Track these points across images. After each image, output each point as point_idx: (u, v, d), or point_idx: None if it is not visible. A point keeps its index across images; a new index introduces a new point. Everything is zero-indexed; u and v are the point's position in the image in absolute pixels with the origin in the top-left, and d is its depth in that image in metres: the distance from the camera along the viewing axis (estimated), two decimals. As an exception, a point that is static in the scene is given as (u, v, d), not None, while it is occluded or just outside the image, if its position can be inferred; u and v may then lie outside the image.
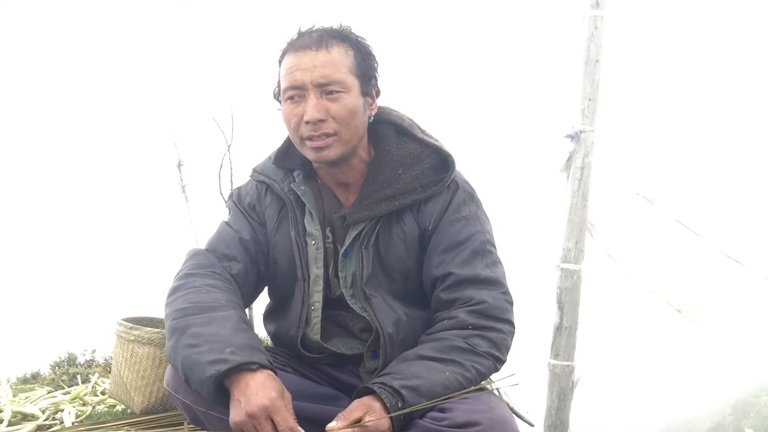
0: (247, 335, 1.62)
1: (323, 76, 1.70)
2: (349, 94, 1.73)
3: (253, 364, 1.52)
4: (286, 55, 1.77)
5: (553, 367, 3.35)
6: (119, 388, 2.73)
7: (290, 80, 1.72)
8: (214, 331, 1.59)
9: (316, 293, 1.86)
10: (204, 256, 1.86)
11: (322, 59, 1.70)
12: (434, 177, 1.81)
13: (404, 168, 1.81)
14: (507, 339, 1.73)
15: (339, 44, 1.74)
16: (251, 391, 1.48)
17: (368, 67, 1.80)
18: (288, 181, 1.89)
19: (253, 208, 1.94)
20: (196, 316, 1.64)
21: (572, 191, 3.28)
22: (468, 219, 1.82)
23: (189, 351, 1.57)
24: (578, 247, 3.27)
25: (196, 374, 1.54)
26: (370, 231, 1.80)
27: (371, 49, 1.82)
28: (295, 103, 1.73)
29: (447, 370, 1.59)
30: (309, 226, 1.85)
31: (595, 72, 3.20)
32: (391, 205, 1.78)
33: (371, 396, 1.54)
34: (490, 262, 1.79)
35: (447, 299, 1.75)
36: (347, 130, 1.74)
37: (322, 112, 1.70)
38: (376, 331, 1.81)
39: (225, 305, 1.70)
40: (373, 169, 1.83)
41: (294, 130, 1.76)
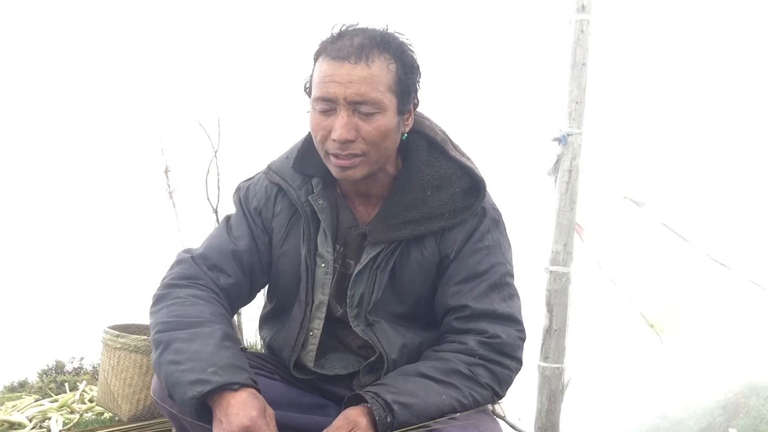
0: (230, 353, 1.56)
1: (358, 94, 1.54)
2: (384, 115, 1.58)
3: (235, 384, 1.48)
4: (322, 59, 1.60)
5: (543, 370, 3.35)
6: (106, 396, 2.71)
7: (322, 91, 1.57)
8: (196, 349, 1.55)
9: (317, 319, 1.78)
10: (189, 265, 1.77)
11: (360, 74, 1.54)
12: (463, 203, 1.71)
13: (433, 190, 1.70)
14: (511, 375, 1.69)
15: (380, 56, 1.57)
16: (232, 411, 1.45)
17: (410, 82, 1.63)
18: (306, 189, 1.76)
19: (259, 213, 1.82)
20: (180, 331, 1.59)
21: (560, 194, 3.29)
22: (490, 249, 1.73)
23: (172, 368, 1.53)
24: (567, 250, 3.28)
25: (178, 393, 1.51)
26: (389, 254, 1.71)
27: (416, 60, 1.65)
28: (325, 116, 1.59)
29: (444, 393, 1.55)
30: (321, 246, 1.75)
31: (581, 75, 3.20)
32: (416, 230, 1.69)
33: (360, 408, 1.50)
34: (507, 295, 1.72)
35: (460, 328, 1.69)
36: (376, 152, 1.62)
37: (352, 132, 1.56)
38: (379, 354, 1.75)
39: (209, 320, 1.64)
40: (401, 187, 1.72)
41: (320, 143, 1.63)
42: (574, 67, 3.18)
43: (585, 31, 3.17)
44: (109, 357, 2.66)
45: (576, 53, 3.19)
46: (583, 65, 3.17)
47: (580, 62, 3.16)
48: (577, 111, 3.21)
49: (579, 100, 3.20)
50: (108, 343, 2.67)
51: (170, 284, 1.74)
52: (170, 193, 3.21)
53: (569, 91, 3.17)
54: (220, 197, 3.12)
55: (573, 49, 3.17)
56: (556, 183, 3.31)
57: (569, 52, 3.18)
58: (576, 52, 3.18)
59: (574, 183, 3.26)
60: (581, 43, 3.17)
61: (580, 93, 3.19)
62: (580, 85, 3.19)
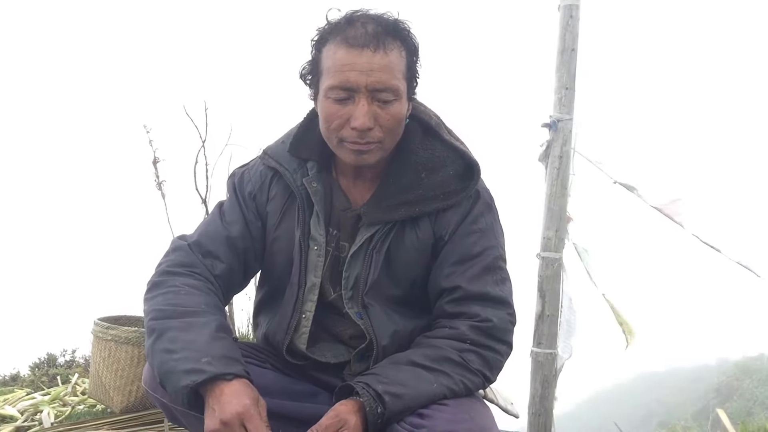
0: (224, 344, 1.58)
1: (379, 82, 1.56)
2: (400, 102, 1.61)
3: (229, 375, 1.49)
4: (334, 45, 1.59)
5: (536, 355, 3.35)
6: (98, 388, 2.71)
7: (341, 79, 1.56)
8: (191, 338, 1.55)
9: (309, 302, 1.79)
10: (186, 253, 1.78)
11: (380, 63, 1.55)
12: (457, 185, 1.73)
13: (428, 172, 1.72)
14: (502, 360, 1.70)
15: (394, 43, 1.59)
16: (225, 399, 1.45)
17: (416, 68, 1.67)
18: (301, 173, 1.77)
19: (254, 198, 1.83)
20: (175, 319, 1.60)
21: (551, 180, 3.28)
22: (484, 232, 1.74)
23: (166, 356, 1.54)
24: (558, 236, 3.27)
25: (171, 381, 1.52)
26: (384, 235, 1.72)
27: (419, 47, 1.67)
28: (341, 104, 1.58)
29: (435, 382, 1.56)
30: (314, 229, 1.76)
31: (571, 61, 3.18)
32: (411, 211, 1.70)
33: (350, 404, 1.50)
34: (500, 279, 1.74)
35: (452, 312, 1.70)
36: (391, 138, 1.65)
37: (372, 120, 1.58)
38: (369, 341, 1.76)
39: (204, 310, 1.64)
40: (395, 169, 1.74)
41: (333, 131, 1.62)
42: (563, 52, 3.16)
43: (574, 17, 3.15)
44: (99, 349, 2.65)
45: (565, 38, 3.17)
46: (573, 51, 3.15)
47: (569, 48, 3.14)
48: (567, 97, 3.19)
49: (569, 86, 3.18)
50: (98, 335, 2.66)
51: (166, 271, 1.74)
52: (159, 184, 3.19)
53: (558, 77, 3.15)
54: (209, 187, 3.11)
55: (562, 35, 3.15)
56: (547, 169, 3.30)
57: (558, 37, 3.16)
58: (565, 37, 3.16)
59: (564, 169, 3.25)
60: (570, 29, 3.15)
61: (570, 79, 3.17)
62: (570, 70, 3.17)
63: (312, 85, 1.70)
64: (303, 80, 1.71)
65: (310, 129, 1.74)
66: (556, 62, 3.15)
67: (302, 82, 1.72)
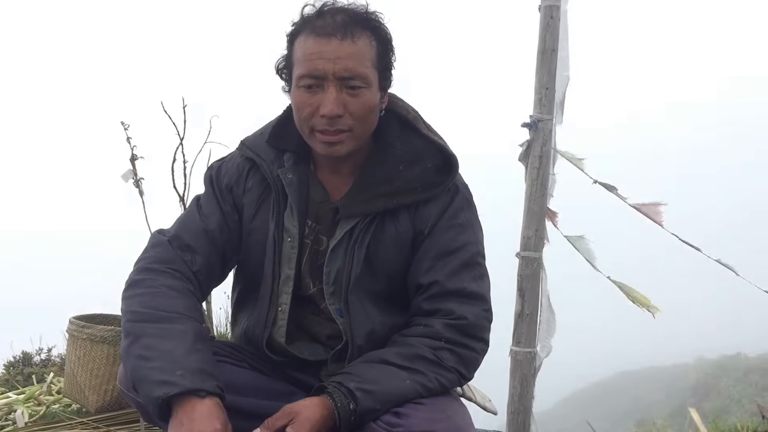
0: (200, 357, 1.56)
1: (347, 69, 1.58)
2: (370, 90, 1.63)
3: (201, 391, 1.48)
4: (304, 36, 1.62)
5: (515, 354, 3.36)
6: (73, 388, 2.68)
7: (310, 67, 1.59)
8: (167, 348, 1.54)
9: (284, 294, 1.78)
10: (165, 249, 1.76)
11: (348, 50, 1.58)
12: (436, 178, 1.73)
13: (406, 165, 1.72)
14: (478, 358, 1.70)
15: (363, 33, 1.62)
16: (197, 417, 1.44)
17: (388, 59, 1.69)
18: (278, 164, 1.77)
19: (230, 190, 1.82)
20: (151, 324, 1.59)
21: (531, 180, 3.28)
22: (463, 227, 1.75)
23: (140, 363, 1.53)
24: (538, 235, 3.28)
25: (144, 389, 1.51)
26: (364, 228, 1.71)
27: (392, 39, 1.70)
28: (311, 93, 1.61)
29: (408, 379, 1.56)
30: (288, 221, 1.75)
31: (551, 61, 3.19)
32: (389, 203, 1.70)
33: (310, 399, 1.51)
34: (478, 275, 1.74)
35: (428, 309, 1.70)
36: (362, 127, 1.65)
37: (341, 107, 1.59)
38: (345, 342, 1.76)
39: (183, 316, 1.63)
40: (373, 162, 1.74)
41: (305, 120, 1.64)
42: (543, 53, 3.17)
43: (554, 17, 3.16)
44: (75, 348, 2.63)
45: (545, 39, 3.17)
46: (553, 51, 3.16)
47: (550, 48, 3.15)
48: (547, 97, 3.19)
49: (549, 86, 3.19)
50: (74, 333, 2.63)
51: (145, 268, 1.73)
52: (137, 181, 3.17)
53: (539, 78, 3.16)
54: (188, 185, 3.09)
55: (542, 35, 3.16)
56: (527, 169, 3.31)
57: (538, 38, 3.17)
58: (545, 38, 3.17)
59: (545, 168, 3.26)
60: (550, 29, 3.15)
61: (550, 79, 3.18)
62: (550, 71, 3.18)
63: (286, 78, 1.71)
64: (279, 74, 1.73)
65: (290, 121, 1.74)
66: (537, 62, 3.16)
67: (278, 76, 1.73)
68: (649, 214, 3.32)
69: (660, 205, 3.28)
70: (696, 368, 22.66)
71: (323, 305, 1.78)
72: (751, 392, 16.54)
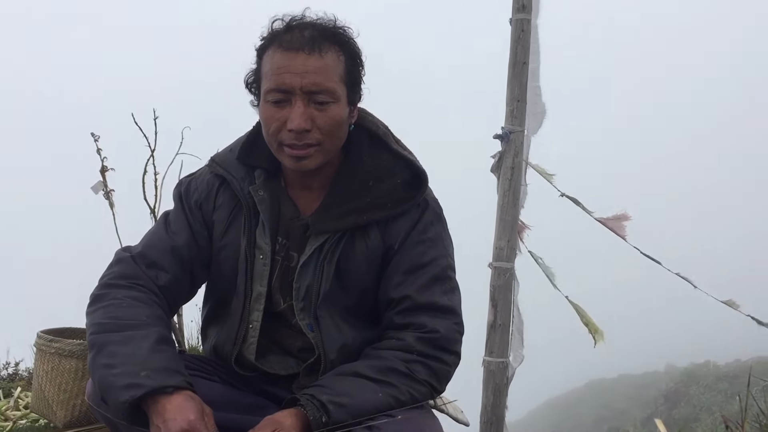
0: (164, 356, 1.55)
1: (314, 84, 1.58)
2: (338, 105, 1.63)
3: (169, 388, 1.47)
4: (272, 51, 1.62)
5: (488, 364, 3.37)
6: (41, 403, 2.63)
7: (277, 82, 1.59)
8: (130, 352, 1.53)
9: (256, 311, 1.77)
10: (128, 265, 1.74)
11: (315, 65, 1.58)
12: (405, 193, 1.74)
13: (375, 181, 1.73)
14: (450, 370, 1.71)
15: (331, 47, 1.62)
16: (169, 416, 1.43)
17: (357, 74, 1.70)
18: (248, 180, 1.77)
19: (200, 206, 1.81)
20: (115, 333, 1.57)
21: (503, 191, 3.31)
22: (433, 241, 1.75)
23: (105, 371, 1.52)
24: (510, 246, 3.30)
25: (111, 397, 1.49)
26: (334, 245, 1.71)
27: (361, 54, 1.71)
28: (279, 107, 1.61)
29: (381, 392, 1.56)
30: (259, 238, 1.75)
31: (522, 74, 3.23)
32: (359, 219, 1.70)
33: (288, 410, 1.51)
34: (449, 288, 1.75)
35: (400, 323, 1.70)
36: (330, 142, 1.65)
37: (308, 122, 1.59)
38: (318, 355, 1.75)
39: (145, 322, 1.62)
40: (343, 178, 1.74)
41: (273, 134, 1.64)
42: (515, 65, 3.21)
43: (525, 30, 3.20)
44: (43, 362, 2.58)
45: (517, 52, 3.21)
46: (524, 64, 3.19)
47: (521, 61, 3.19)
48: (519, 109, 3.23)
49: (520, 98, 3.22)
50: (42, 348, 2.59)
51: (108, 284, 1.71)
52: (107, 194, 3.13)
53: (510, 90, 3.19)
54: (159, 197, 3.06)
55: (513, 48, 3.20)
56: (500, 180, 3.34)
57: (510, 50, 3.20)
58: (517, 50, 3.21)
59: (516, 179, 3.29)
60: (522, 42, 3.19)
61: (521, 91, 3.22)
62: (521, 83, 3.21)
63: (255, 92, 1.71)
64: (248, 88, 1.73)
65: (259, 137, 1.73)
66: (508, 75, 3.19)
67: (248, 90, 1.73)
68: (613, 227, 3.36)
69: (624, 219, 3.33)
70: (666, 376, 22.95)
71: (294, 321, 1.78)
72: (720, 399, 16.80)
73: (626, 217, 3.28)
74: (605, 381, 27.94)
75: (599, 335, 3.25)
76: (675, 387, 20.01)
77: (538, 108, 3.26)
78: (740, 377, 16.21)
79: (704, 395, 17.85)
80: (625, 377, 27.22)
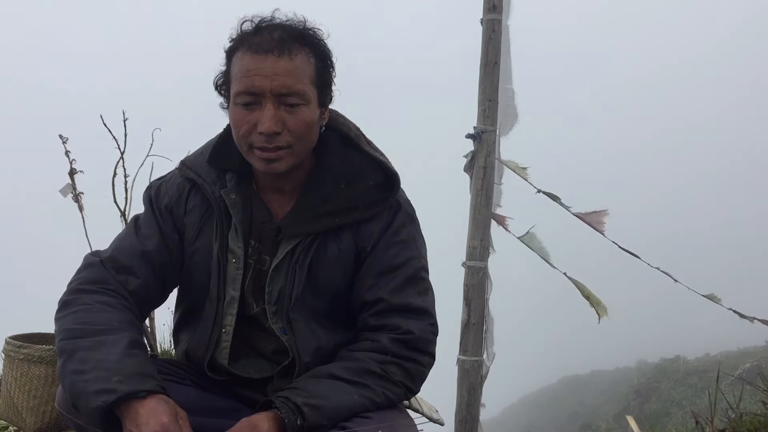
0: (137, 361, 1.53)
1: (284, 86, 1.57)
2: (308, 107, 1.62)
3: (142, 392, 1.45)
4: (241, 53, 1.61)
5: (462, 363, 3.39)
6: (10, 410, 2.59)
7: (247, 84, 1.58)
8: (101, 357, 1.51)
9: (229, 316, 1.76)
10: (97, 269, 1.72)
11: (285, 67, 1.57)
12: (378, 196, 1.74)
13: (347, 183, 1.72)
14: (424, 371, 1.71)
15: (301, 50, 1.61)
16: (142, 420, 1.42)
17: (327, 76, 1.69)
18: (220, 184, 1.75)
19: (170, 210, 1.79)
20: (85, 338, 1.55)
21: (476, 190, 3.33)
22: (406, 243, 1.75)
23: (76, 378, 1.50)
24: (483, 245, 3.32)
25: (83, 403, 1.47)
26: (306, 248, 1.71)
27: (331, 55, 1.70)
28: (249, 110, 1.59)
29: (356, 393, 1.56)
30: (232, 242, 1.73)
31: (494, 74, 3.25)
32: (331, 222, 1.70)
33: (264, 413, 1.50)
34: (422, 289, 1.75)
35: (374, 325, 1.70)
36: (301, 144, 1.64)
37: (279, 125, 1.58)
38: (292, 358, 1.75)
39: (116, 327, 1.59)
40: (314, 180, 1.74)
41: (243, 137, 1.62)
42: (486, 65, 3.23)
43: (496, 30, 3.22)
44: (11, 369, 2.54)
45: (488, 52, 3.23)
46: (495, 64, 3.21)
47: (492, 61, 3.21)
48: (491, 108, 3.25)
49: (492, 98, 3.24)
50: (10, 354, 2.55)
51: (77, 289, 1.69)
52: (76, 196, 3.08)
53: (482, 90, 3.21)
54: (129, 200, 3.03)
55: (485, 48, 3.22)
56: (472, 179, 3.36)
57: (481, 51, 3.22)
58: (488, 50, 3.23)
59: (489, 179, 3.31)
60: (493, 43, 3.21)
61: (493, 91, 3.24)
62: (493, 83, 3.23)
63: (225, 94, 1.70)
64: (217, 90, 1.71)
65: (230, 139, 1.71)
66: (480, 75, 3.21)
67: (217, 92, 1.71)
68: (591, 222, 3.40)
69: (602, 214, 3.37)
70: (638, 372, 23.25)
71: (267, 324, 1.77)
72: (690, 394, 17.06)
73: (604, 213, 3.32)
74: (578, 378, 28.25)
75: (602, 308, 3.27)
76: (646, 382, 20.29)
77: (510, 110, 3.28)
78: (709, 371, 16.51)
79: (675, 390, 18.12)
80: (598, 373, 27.54)
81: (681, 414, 14.85)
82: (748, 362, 13.47)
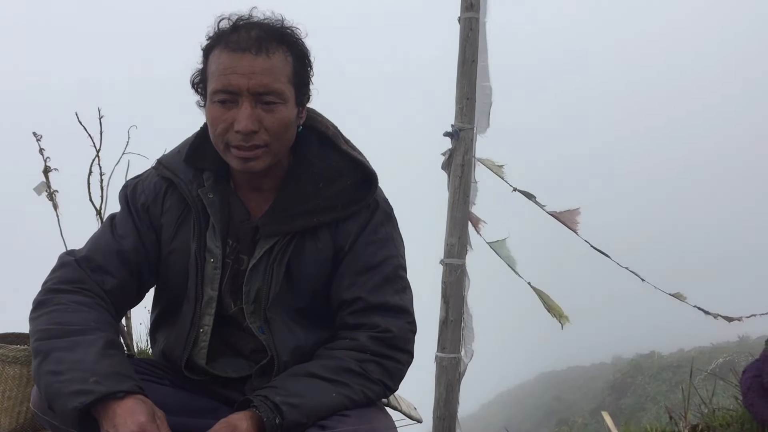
0: (114, 361, 1.53)
1: (262, 85, 1.57)
2: (286, 106, 1.62)
3: (119, 393, 1.45)
4: (219, 51, 1.60)
5: (440, 360, 3.40)
6: (-17, 411, 2.55)
7: (224, 83, 1.57)
8: (78, 358, 1.50)
9: (207, 315, 1.75)
10: (72, 269, 1.70)
11: (262, 66, 1.57)
12: (355, 195, 1.74)
13: (325, 182, 1.72)
14: (403, 369, 1.72)
15: (279, 49, 1.60)
16: (119, 420, 1.41)
17: (305, 75, 1.69)
18: (197, 183, 1.74)
19: (147, 209, 1.77)
20: (61, 339, 1.54)
21: (453, 188, 3.35)
22: (384, 241, 1.76)
23: (52, 379, 1.48)
24: (461, 243, 3.34)
25: (59, 405, 1.46)
26: (284, 247, 1.71)
27: (309, 54, 1.69)
28: (226, 108, 1.59)
29: (334, 391, 1.57)
30: (210, 242, 1.73)
31: (471, 72, 3.26)
32: (309, 222, 1.69)
33: (243, 412, 1.50)
34: (400, 288, 1.76)
35: (353, 323, 1.71)
36: (278, 143, 1.64)
37: (256, 123, 1.58)
38: (271, 357, 1.75)
39: (92, 327, 1.58)
40: (292, 179, 1.73)
41: (219, 136, 1.61)
42: (464, 63, 3.24)
43: (474, 29, 3.24)
44: (-15, 369, 2.51)
45: (465, 50, 3.25)
46: (473, 62, 3.23)
47: (470, 59, 3.22)
48: (468, 106, 3.26)
49: (469, 96, 3.26)
50: (-16, 354, 2.51)
51: (52, 289, 1.67)
52: (51, 194, 3.05)
53: (460, 88, 3.22)
54: (105, 198, 3.00)
55: (462, 46, 3.23)
56: (450, 177, 3.37)
57: (459, 49, 3.23)
58: (465, 49, 3.24)
59: (467, 177, 3.32)
60: (470, 41, 3.23)
61: (471, 89, 3.25)
62: (470, 81, 3.25)
63: (201, 92, 1.69)
64: (194, 88, 1.70)
65: (207, 138, 1.71)
66: (458, 73, 3.22)
67: (194, 90, 1.71)
68: (565, 221, 3.43)
69: (576, 213, 3.40)
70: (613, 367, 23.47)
71: (245, 324, 1.77)
72: (664, 389, 17.26)
73: (578, 212, 3.36)
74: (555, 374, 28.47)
75: (564, 318, 3.32)
76: (622, 378, 20.49)
77: (486, 108, 3.29)
78: (683, 367, 16.72)
79: (649, 385, 18.32)
80: (574, 369, 27.77)
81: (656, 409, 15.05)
82: (721, 357, 13.66)
